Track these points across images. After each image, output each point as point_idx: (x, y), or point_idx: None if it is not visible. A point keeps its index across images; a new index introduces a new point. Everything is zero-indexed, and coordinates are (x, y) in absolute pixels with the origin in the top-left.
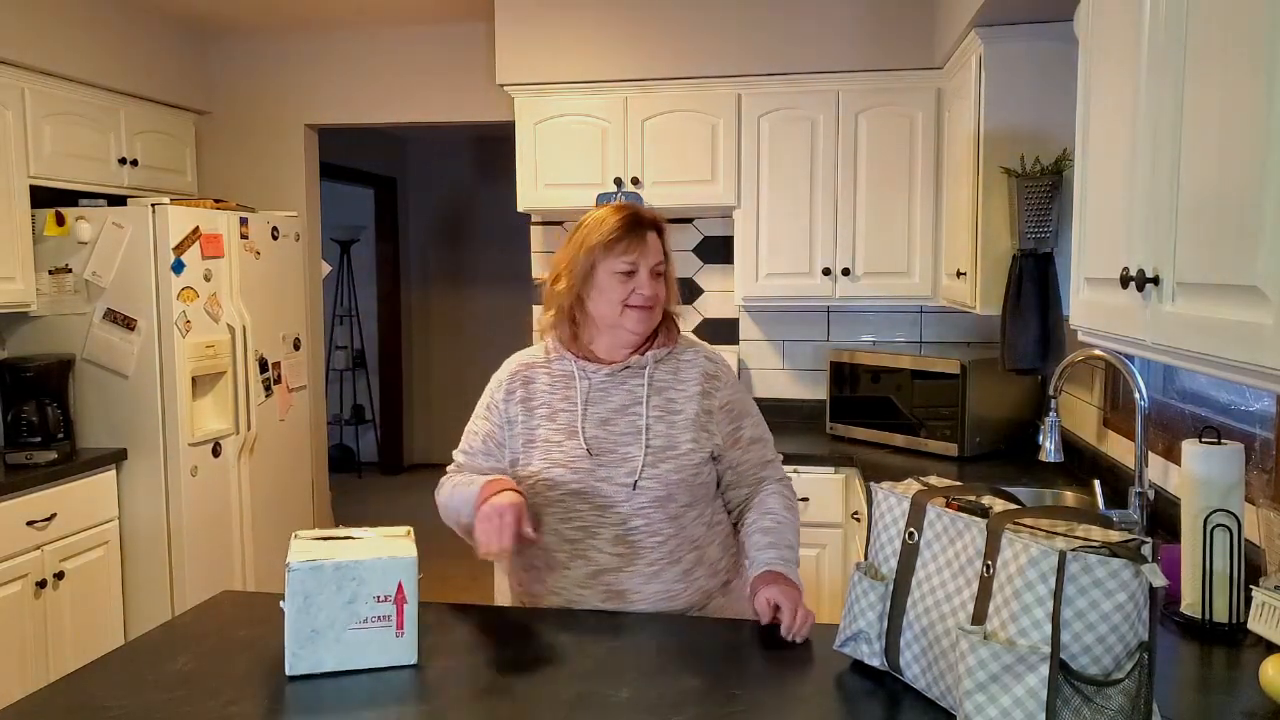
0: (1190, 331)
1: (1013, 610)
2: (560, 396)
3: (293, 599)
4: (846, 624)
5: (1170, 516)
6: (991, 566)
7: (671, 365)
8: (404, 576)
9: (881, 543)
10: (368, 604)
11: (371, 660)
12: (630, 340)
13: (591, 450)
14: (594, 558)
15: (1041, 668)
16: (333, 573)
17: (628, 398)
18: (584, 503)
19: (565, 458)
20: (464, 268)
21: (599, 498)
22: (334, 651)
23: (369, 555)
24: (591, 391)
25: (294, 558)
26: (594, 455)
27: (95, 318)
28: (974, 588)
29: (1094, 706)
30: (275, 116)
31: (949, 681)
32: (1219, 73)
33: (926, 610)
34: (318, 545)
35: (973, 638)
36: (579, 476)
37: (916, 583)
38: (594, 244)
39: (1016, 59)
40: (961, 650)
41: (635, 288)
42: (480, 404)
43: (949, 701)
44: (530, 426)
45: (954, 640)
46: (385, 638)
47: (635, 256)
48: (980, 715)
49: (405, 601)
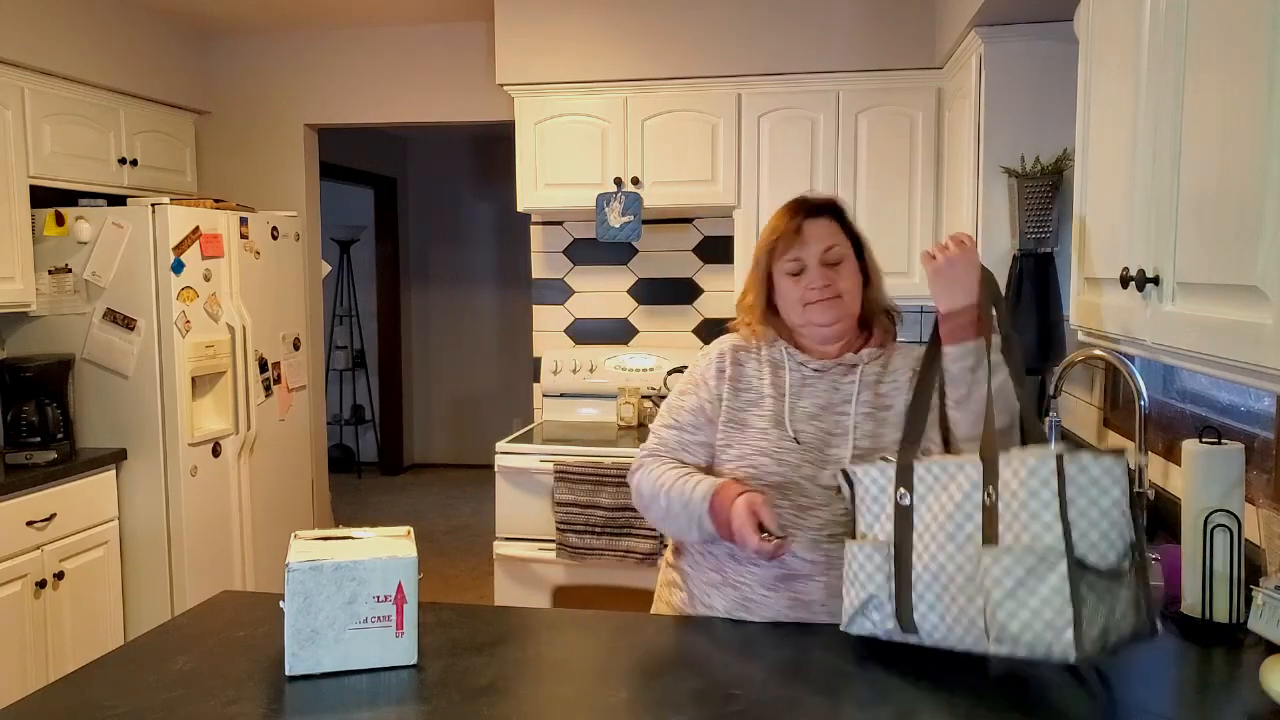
0: (1190, 331)
1: (1023, 521)
2: (769, 383)
3: (292, 599)
4: (853, 596)
5: (1170, 516)
6: (993, 491)
7: (883, 360)
8: (404, 577)
9: (873, 514)
10: (367, 604)
11: (371, 660)
12: (825, 335)
13: (800, 440)
14: (787, 560)
15: (1060, 564)
16: (332, 573)
17: (836, 395)
18: (785, 499)
19: (771, 447)
20: (464, 268)
21: (802, 497)
22: (334, 652)
23: (369, 555)
24: (802, 384)
25: (294, 558)
26: (801, 445)
27: (95, 318)
28: (977, 520)
29: (1106, 602)
30: (275, 116)
31: (971, 615)
32: (1219, 72)
33: (934, 558)
34: (317, 545)
35: (995, 551)
36: (784, 471)
37: (917, 536)
38: (761, 249)
39: (1016, 59)
40: (985, 566)
41: (808, 284)
42: (684, 381)
43: (972, 639)
44: (736, 408)
45: (970, 574)
46: (385, 638)
47: (797, 251)
48: (1015, 620)
49: (405, 602)
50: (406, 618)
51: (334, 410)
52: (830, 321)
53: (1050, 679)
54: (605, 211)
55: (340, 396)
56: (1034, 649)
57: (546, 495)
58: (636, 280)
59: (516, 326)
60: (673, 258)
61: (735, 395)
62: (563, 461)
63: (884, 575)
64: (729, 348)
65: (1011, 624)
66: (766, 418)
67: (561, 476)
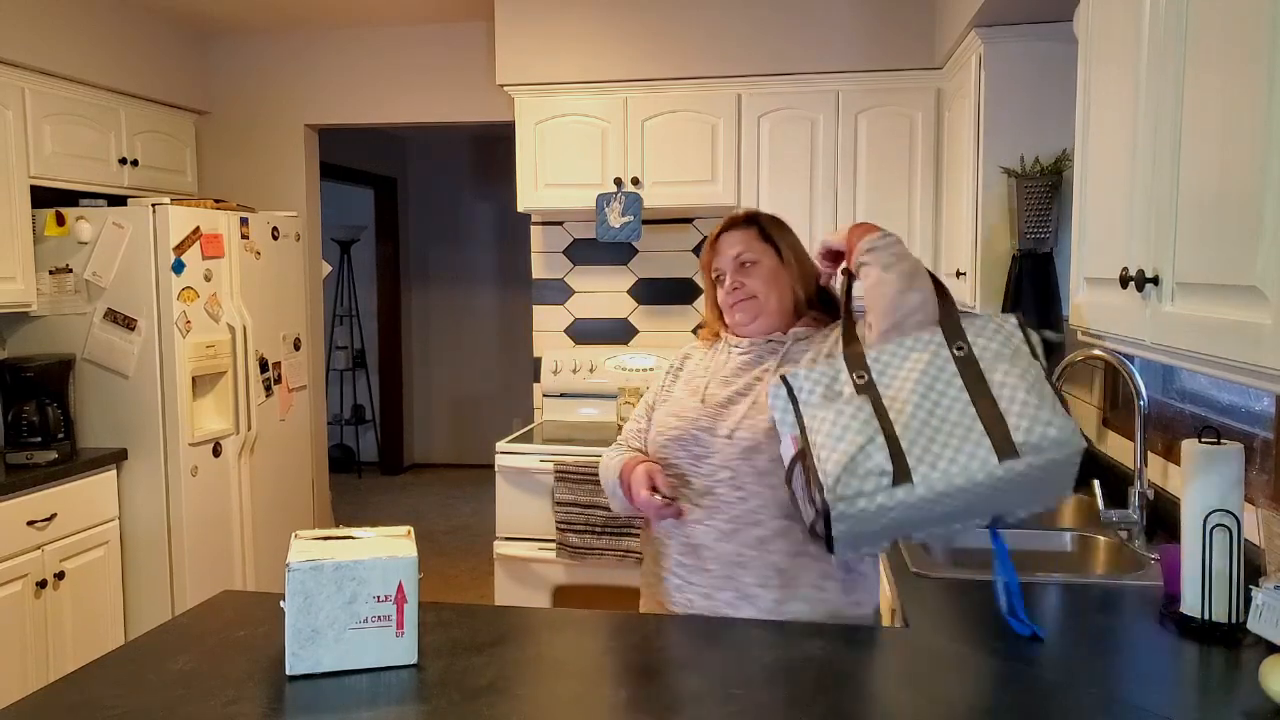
0: (1190, 331)
1: (1004, 354)
2: (704, 367)
3: (293, 599)
4: (839, 453)
5: (1170, 516)
6: (964, 344)
7: (810, 339)
8: (404, 576)
9: (821, 408)
10: (368, 604)
11: (371, 660)
12: (750, 333)
13: (705, 401)
14: (683, 509)
15: (1035, 363)
16: (333, 573)
17: (757, 366)
18: (683, 450)
19: (676, 408)
20: (464, 268)
21: (697, 446)
22: (334, 651)
23: (369, 555)
24: (727, 361)
25: (294, 558)
26: (705, 405)
27: (95, 318)
28: (951, 370)
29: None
30: (275, 116)
31: (969, 449)
32: (1219, 72)
33: (913, 414)
34: (318, 545)
35: (1013, 368)
36: (682, 425)
37: (889, 401)
38: (701, 267)
39: (1016, 59)
40: (1007, 381)
41: (726, 289)
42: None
43: (976, 466)
44: (670, 390)
45: (959, 415)
46: (385, 638)
47: (716, 262)
48: (1050, 427)
49: (405, 601)
50: (407, 617)
51: (334, 410)
52: (748, 321)
53: (1051, 679)
54: (605, 211)
55: (340, 396)
56: (1062, 447)
57: (547, 495)
58: (636, 280)
59: (516, 326)
60: (673, 258)
61: (674, 382)
62: (563, 461)
63: (871, 424)
64: (688, 349)
65: (1049, 430)
66: (690, 390)
67: (562, 476)
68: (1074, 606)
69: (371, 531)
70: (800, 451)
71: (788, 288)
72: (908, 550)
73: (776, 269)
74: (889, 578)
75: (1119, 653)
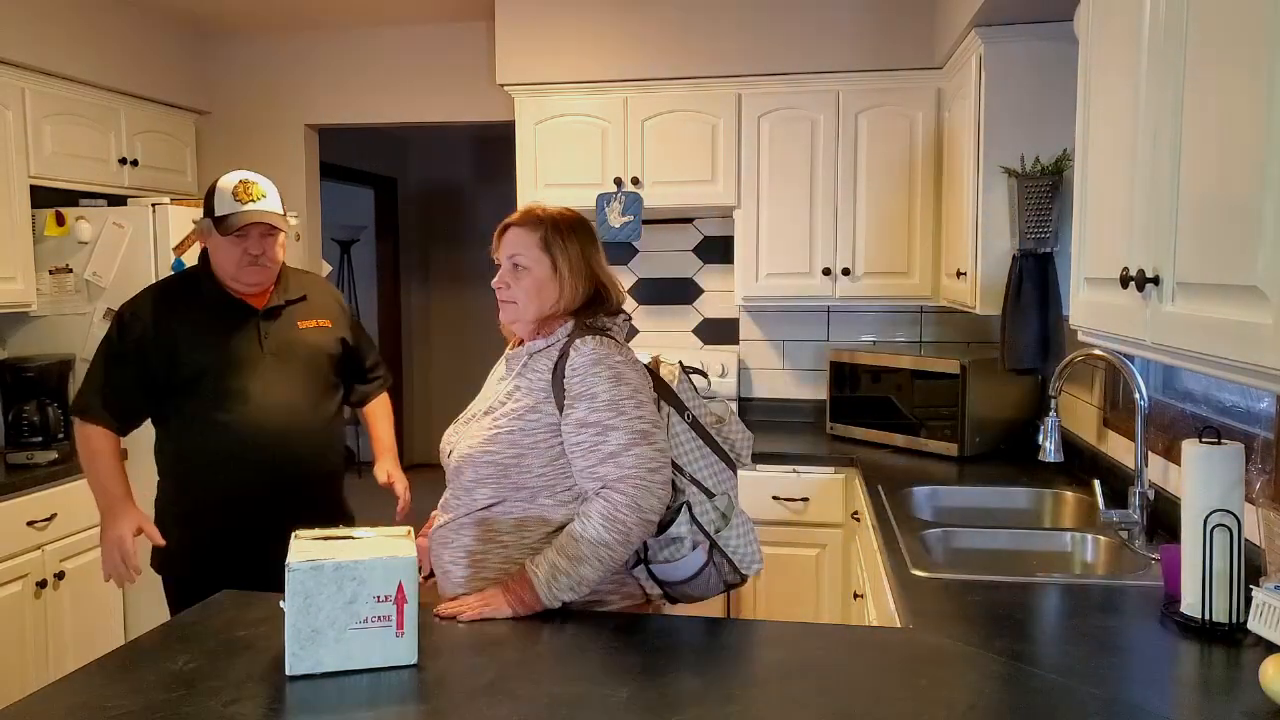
0: (1190, 331)
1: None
2: (496, 376)
3: (293, 599)
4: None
5: (1170, 516)
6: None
7: (547, 353)
8: (404, 577)
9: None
10: (368, 604)
11: (371, 660)
12: (507, 332)
13: (461, 419)
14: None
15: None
16: (333, 573)
17: (507, 375)
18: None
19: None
20: (464, 268)
21: (449, 454)
22: (334, 651)
23: (369, 555)
24: (496, 372)
25: (294, 558)
26: (463, 417)
27: (96, 318)
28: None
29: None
30: (275, 116)
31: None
32: (1219, 73)
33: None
34: (318, 545)
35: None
36: (448, 436)
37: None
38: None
39: (1016, 59)
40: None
41: (494, 282)
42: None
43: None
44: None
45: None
46: (385, 638)
47: (496, 250)
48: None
49: (405, 601)
50: (407, 617)
51: None
52: (506, 320)
53: (1051, 679)
54: (605, 211)
55: None
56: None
57: None
58: (636, 280)
59: None
60: (673, 258)
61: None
62: None
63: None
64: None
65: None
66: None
67: None
68: (1074, 606)
69: (372, 531)
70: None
71: (551, 300)
72: (908, 550)
73: (545, 281)
74: (889, 577)
75: (1119, 653)
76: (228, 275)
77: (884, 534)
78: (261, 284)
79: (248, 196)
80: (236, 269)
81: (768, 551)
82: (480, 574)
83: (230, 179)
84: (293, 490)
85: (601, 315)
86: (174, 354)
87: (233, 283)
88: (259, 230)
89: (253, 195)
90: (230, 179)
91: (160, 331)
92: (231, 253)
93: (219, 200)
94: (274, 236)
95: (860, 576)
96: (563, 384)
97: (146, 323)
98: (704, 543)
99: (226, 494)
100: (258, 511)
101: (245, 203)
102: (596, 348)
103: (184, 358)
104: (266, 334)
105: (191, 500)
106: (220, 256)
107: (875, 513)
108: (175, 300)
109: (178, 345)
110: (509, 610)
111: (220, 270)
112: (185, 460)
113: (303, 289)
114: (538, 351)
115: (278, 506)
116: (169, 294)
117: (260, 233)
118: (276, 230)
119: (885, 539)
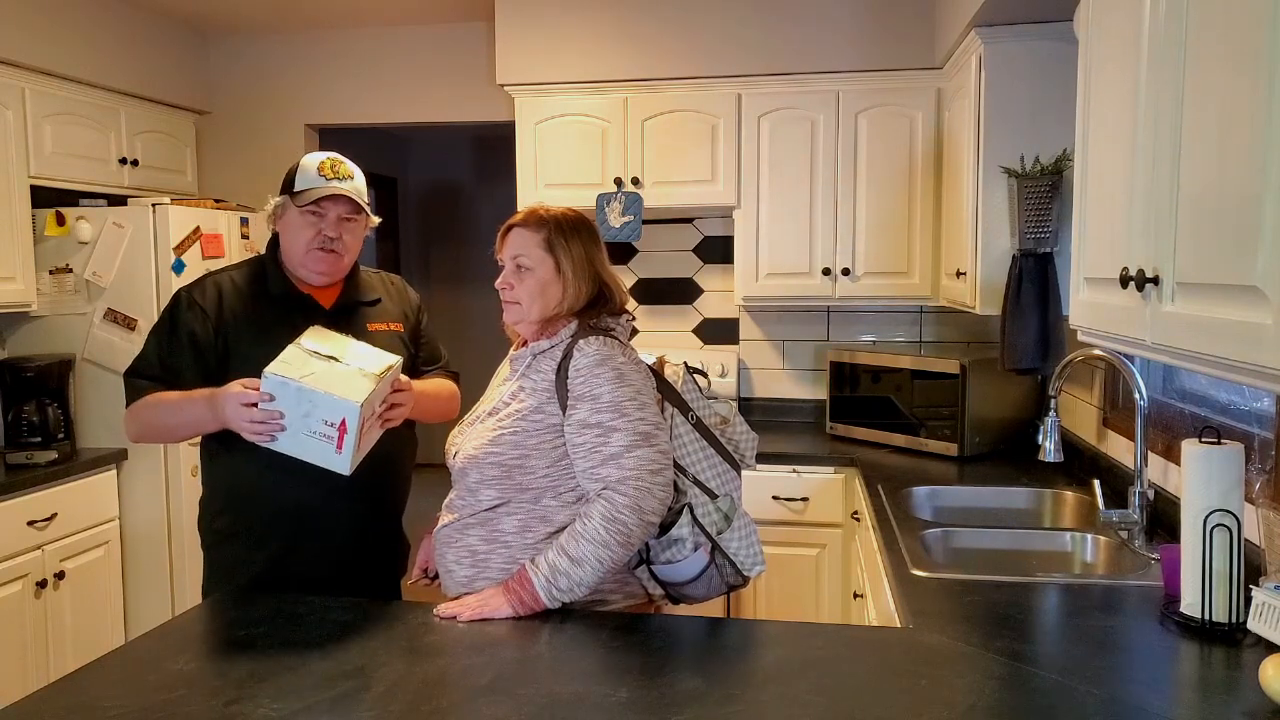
0: (1190, 331)
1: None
2: (500, 377)
3: (268, 390)
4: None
5: (1170, 516)
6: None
7: (551, 354)
8: (347, 415)
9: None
10: (319, 424)
11: (315, 459)
12: (512, 333)
13: (466, 420)
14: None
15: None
16: (295, 393)
17: (511, 376)
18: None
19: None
20: (464, 268)
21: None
22: (291, 440)
23: (324, 389)
24: (500, 372)
25: (275, 366)
26: (466, 417)
27: (95, 318)
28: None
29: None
30: (275, 116)
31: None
32: (1219, 73)
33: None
34: (304, 359)
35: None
36: (454, 436)
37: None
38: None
39: (1016, 59)
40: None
41: (498, 283)
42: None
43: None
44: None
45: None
46: (328, 450)
47: (500, 250)
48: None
49: (346, 432)
50: (346, 443)
51: None
52: (510, 321)
53: (1051, 679)
54: (605, 211)
55: None
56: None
57: None
58: (636, 280)
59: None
60: (673, 258)
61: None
62: None
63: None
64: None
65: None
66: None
67: None
68: (1074, 606)
69: (367, 350)
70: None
71: (555, 301)
72: (908, 550)
73: (548, 282)
74: (889, 577)
75: (1119, 652)
76: (295, 261)
77: (884, 534)
78: (330, 275)
79: (334, 174)
80: (305, 253)
81: (768, 551)
82: (483, 574)
83: (317, 155)
84: (356, 501)
85: (605, 316)
86: (229, 350)
87: (300, 269)
88: (338, 212)
89: (339, 174)
90: (317, 155)
91: (218, 323)
92: (304, 233)
93: (301, 175)
94: (353, 222)
95: (860, 576)
96: (566, 384)
97: (205, 311)
98: (705, 544)
99: (282, 509)
100: (318, 529)
101: (330, 179)
102: (600, 348)
103: (240, 355)
104: None
105: (249, 518)
106: (290, 237)
107: (875, 513)
108: (238, 291)
109: (236, 340)
110: (509, 610)
111: (289, 255)
112: (237, 472)
113: (376, 292)
114: (541, 352)
115: (337, 522)
116: (232, 282)
117: (339, 215)
118: (356, 216)
119: (885, 539)
